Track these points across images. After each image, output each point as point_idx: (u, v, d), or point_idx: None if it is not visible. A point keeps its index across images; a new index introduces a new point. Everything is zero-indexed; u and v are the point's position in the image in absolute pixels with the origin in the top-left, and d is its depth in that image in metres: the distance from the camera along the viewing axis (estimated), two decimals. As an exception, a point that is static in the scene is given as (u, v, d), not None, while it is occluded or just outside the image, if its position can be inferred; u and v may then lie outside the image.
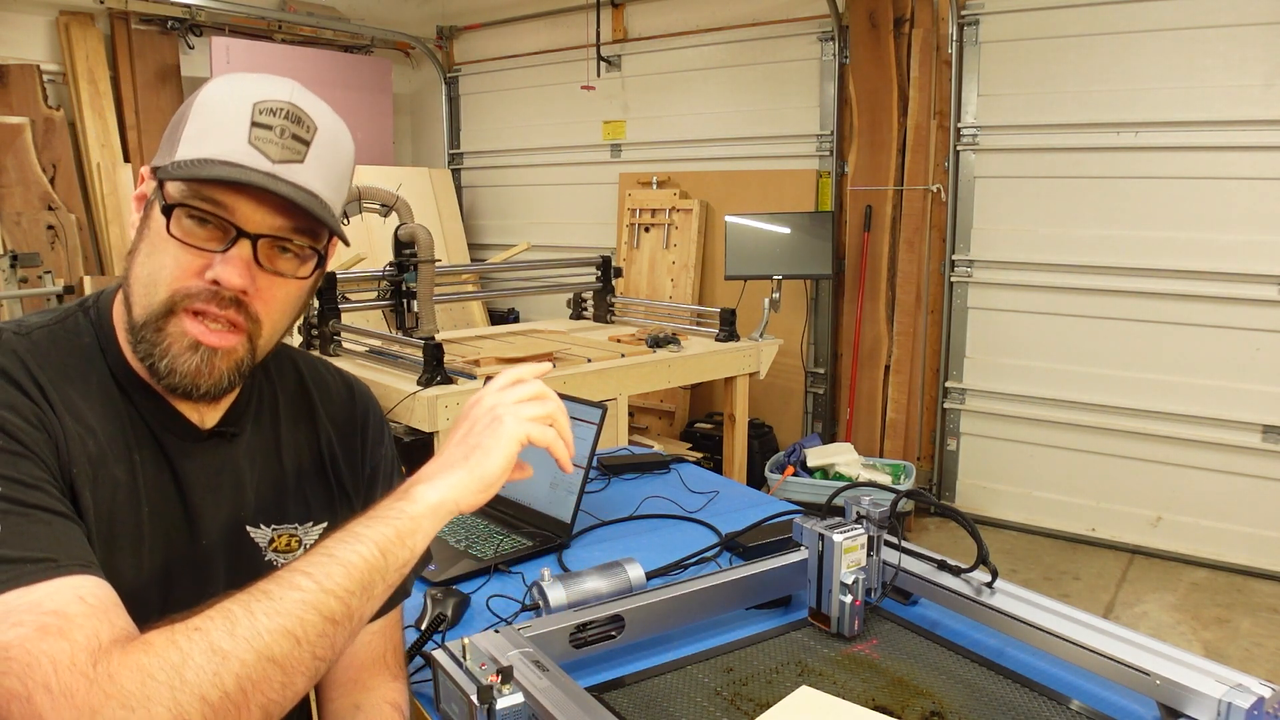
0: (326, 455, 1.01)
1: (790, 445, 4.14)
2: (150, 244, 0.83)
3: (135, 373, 0.87)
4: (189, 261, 0.81)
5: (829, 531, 1.21)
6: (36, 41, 4.63)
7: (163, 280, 0.82)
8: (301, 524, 0.98)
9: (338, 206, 0.88)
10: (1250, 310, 3.54)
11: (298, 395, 1.02)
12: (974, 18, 4.01)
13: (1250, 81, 3.43)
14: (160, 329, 0.82)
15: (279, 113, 0.82)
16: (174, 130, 0.83)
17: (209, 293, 0.82)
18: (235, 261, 0.81)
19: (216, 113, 0.82)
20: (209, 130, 0.81)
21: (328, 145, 0.85)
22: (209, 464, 0.91)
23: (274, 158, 0.81)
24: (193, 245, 0.81)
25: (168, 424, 0.88)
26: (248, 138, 0.80)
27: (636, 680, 1.13)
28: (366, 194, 3.37)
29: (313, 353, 2.93)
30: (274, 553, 0.95)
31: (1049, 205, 3.93)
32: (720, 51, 4.85)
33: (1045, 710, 1.05)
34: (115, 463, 0.84)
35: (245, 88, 0.83)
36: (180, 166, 0.80)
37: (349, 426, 1.05)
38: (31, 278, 3.83)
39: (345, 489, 1.02)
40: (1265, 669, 2.94)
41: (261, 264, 0.83)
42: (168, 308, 0.82)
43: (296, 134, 0.82)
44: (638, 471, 2.01)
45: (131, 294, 0.84)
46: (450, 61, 6.17)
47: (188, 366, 0.83)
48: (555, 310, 4.82)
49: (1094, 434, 3.93)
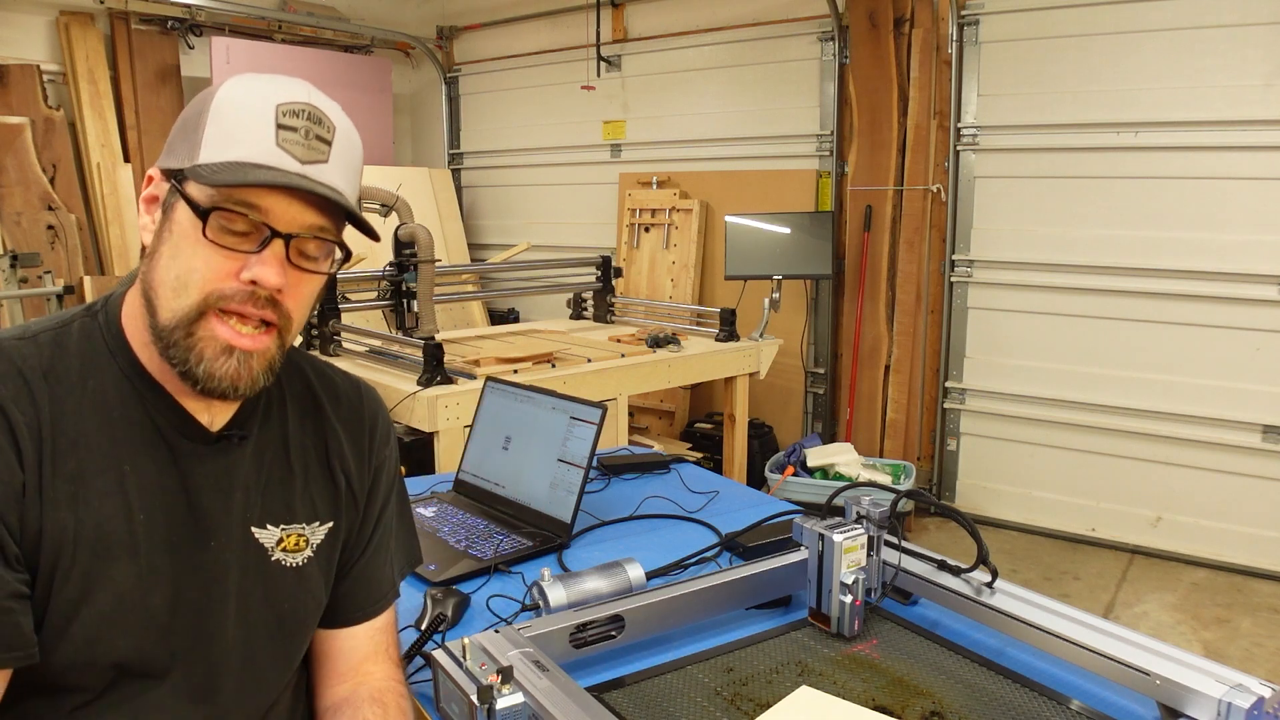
0: (335, 455, 1.02)
1: (790, 445, 4.14)
2: (174, 246, 0.83)
3: (149, 374, 0.88)
4: (220, 263, 0.82)
5: (829, 531, 1.21)
6: (36, 41, 4.63)
7: (194, 283, 0.82)
8: (309, 524, 0.98)
9: (355, 201, 0.90)
10: (1250, 310, 3.54)
11: (305, 396, 1.02)
12: (974, 18, 4.01)
13: (1250, 81, 3.43)
14: (190, 332, 0.83)
15: (301, 114, 0.83)
16: (190, 132, 0.83)
17: (245, 293, 0.83)
18: (271, 261, 0.83)
19: (238, 115, 0.82)
20: (233, 133, 0.81)
21: (346, 144, 0.87)
22: (218, 466, 0.91)
23: (301, 158, 0.83)
24: (227, 248, 0.82)
25: (178, 426, 0.89)
26: (275, 140, 0.81)
27: (636, 680, 1.13)
28: (366, 194, 3.38)
29: (314, 354, 2.93)
30: (282, 552, 0.96)
31: (1049, 205, 3.93)
32: (720, 51, 4.85)
33: (1045, 710, 1.05)
34: (97, 475, 0.84)
35: (264, 90, 0.84)
36: (214, 170, 0.80)
37: (357, 427, 1.05)
38: (31, 278, 3.83)
39: (352, 488, 1.03)
40: (1265, 669, 2.94)
41: (292, 262, 0.85)
42: (199, 310, 0.82)
43: (319, 134, 0.84)
44: (638, 471, 2.01)
45: (156, 297, 0.84)
46: (450, 61, 6.17)
47: (225, 370, 0.84)
48: (555, 310, 4.83)
49: (1094, 434, 3.93)
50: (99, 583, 0.82)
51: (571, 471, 1.61)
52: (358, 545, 1.04)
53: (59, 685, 0.83)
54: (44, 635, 0.80)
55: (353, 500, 1.03)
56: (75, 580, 0.81)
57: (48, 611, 0.81)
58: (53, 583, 0.81)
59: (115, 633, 0.83)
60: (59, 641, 0.81)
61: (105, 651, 0.83)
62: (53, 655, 0.81)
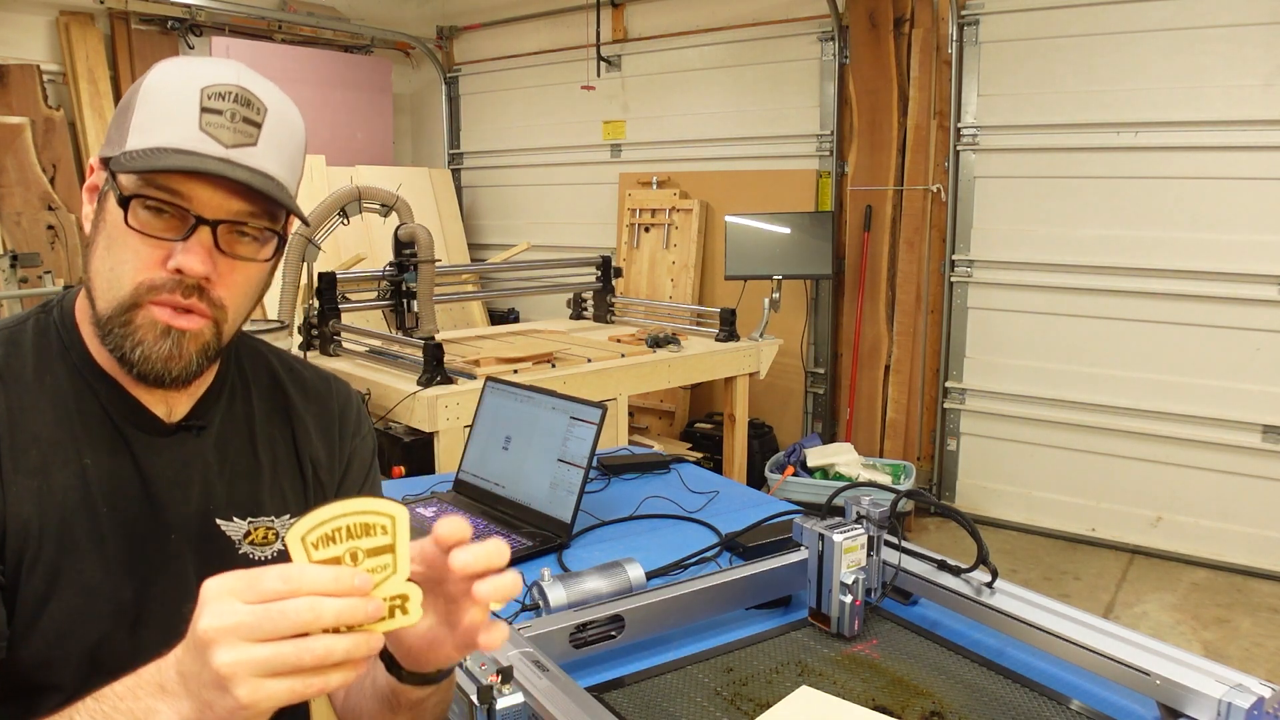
0: (303, 448, 1.01)
1: (790, 445, 4.14)
2: (107, 237, 0.82)
3: (101, 368, 0.87)
4: (149, 253, 0.81)
5: (829, 531, 1.21)
6: (36, 41, 4.63)
7: (125, 274, 0.81)
8: (278, 516, 0.98)
9: (293, 185, 0.88)
10: (1250, 310, 3.54)
11: (272, 389, 1.02)
12: (974, 18, 4.01)
13: (1250, 81, 3.43)
14: (129, 321, 0.82)
15: (228, 96, 0.81)
16: (121, 119, 0.82)
17: (173, 283, 0.81)
18: (196, 249, 0.81)
19: (164, 100, 0.81)
20: (158, 118, 0.80)
21: (278, 125, 0.84)
22: (175, 458, 0.91)
23: (227, 142, 0.80)
24: (152, 235, 0.81)
25: (132, 418, 0.88)
26: (199, 124, 0.79)
27: (636, 680, 1.13)
28: (366, 194, 3.37)
29: (284, 348, 2.93)
30: (250, 545, 0.95)
31: (1049, 205, 3.93)
32: (720, 51, 4.85)
33: (1045, 710, 1.05)
34: (59, 469, 0.84)
35: (191, 72, 0.82)
36: (133, 157, 0.79)
37: (326, 418, 1.05)
38: (31, 278, 3.83)
39: (320, 480, 1.03)
40: (1265, 669, 2.94)
41: (222, 249, 0.83)
42: (133, 301, 0.82)
43: (247, 116, 0.82)
44: (638, 471, 2.01)
45: (94, 288, 0.83)
46: (450, 61, 6.17)
47: (160, 352, 0.83)
48: (555, 310, 4.82)
49: (1094, 434, 3.93)
50: (66, 575, 0.82)
51: (571, 471, 1.61)
52: None
53: (31, 685, 0.83)
54: (13, 630, 0.80)
55: (321, 492, 1.02)
56: (41, 574, 0.81)
57: (15, 607, 0.81)
58: (19, 577, 0.81)
59: (85, 626, 0.83)
60: (29, 635, 0.81)
61: (76, 644, 0.83)
62: (23, 650, 0.81)
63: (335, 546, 0.64)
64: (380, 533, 0.65)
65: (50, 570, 0.82)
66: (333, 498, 1.02)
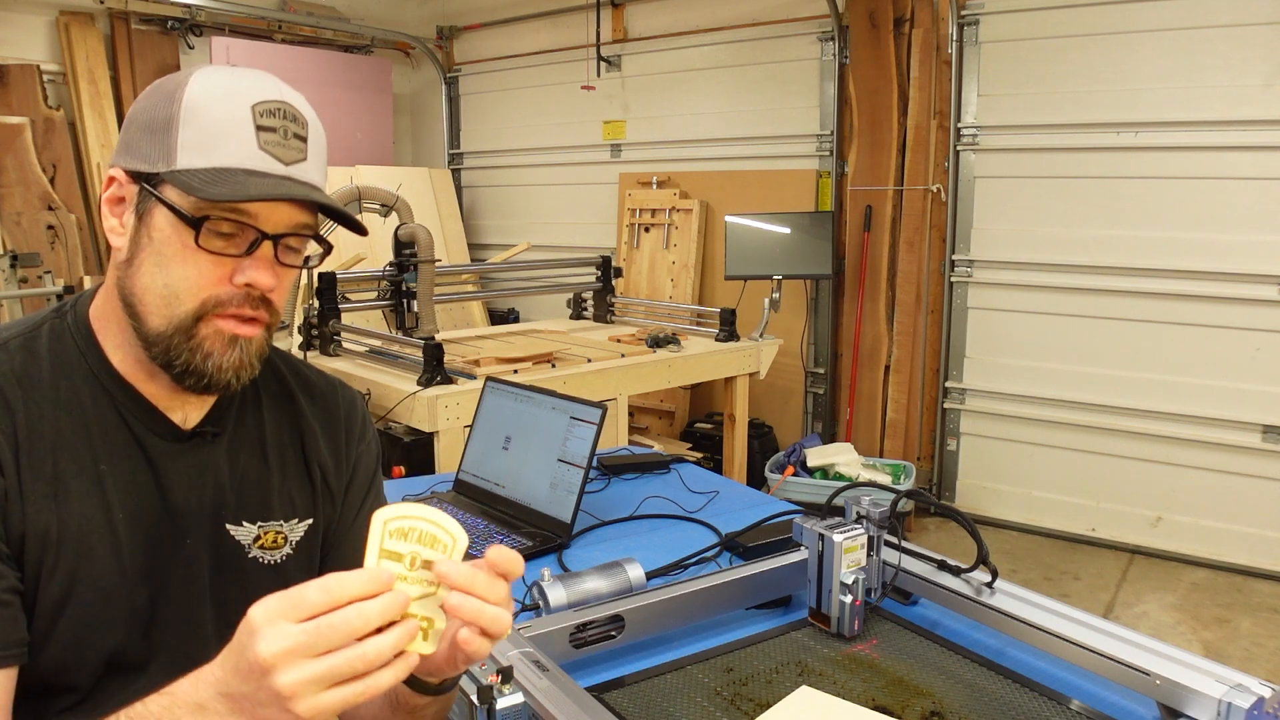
0: (311, 452, 1.02)
1: (790, 445, 4.14)
2: (157, 254, 0.82)
3: (118, 375, 0.88)
4: (211, 269, 0.82)
5: (829, 531, 1.21)
6: (36, 41, 4.63)
7: (187, 290, 0.82)
8: (287, 521, 0.98)
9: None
10: (1250, 310, 3.54)
11: (280, 394, 1.02)
12: (974, 18, 4.01)
13: (1250, 81, 3.43)
14: (192, 334, 0.83)
15: (278, 113, 0.83)
16: (162, 134, 0.81)
17: (240, 297, 0.84)
18: (263, 263, 0.84)
19: (215, 117, 0.81)
20: (212, 136, 0.80)
21: (317, 137, 0.87)
22: (190, 464, 0.91)
23: (285, 160, 0.82)
24: (216, 252, 0.82)
25: (149, 425, 0.89)
26: (257, 143, 0.81)
27: (636, 680, 1.13)
28: (366, 194, 3.38)
29: (290, 352, 2.94)
30: (260, 550, 0.95)
31: (1049, 205, 3.93)
32: (720, 51, 4.85)
33: (1045, 710, 1.05)
34: (77, 476, 0.84)
35: (235, 87, 0.82)
36: (204, 180, 0.79)
37: (333, 423, 1.05)
38: (31, 278, 3.83)
39: (329, 484, 1.03)
40: (1265, 669, 2.94)
41: (279, 259, 0.86)
42: (197, 315, 0.83)
43: (296, 133, 0.84)
44: (638, 471, 2.01)
45: (143, 305, 0.83)
46: (450, 61, 6.17)
47: (231, 361, 0.85)
48: (555, 310, 4.82)
49: (1094, 434, 3.93)
50: (83, 581, 0.83)
51: (571, 471, 1.61)
52: (335, 541, 1.04)
53: (48, 687, 0.83)
54: (32, 635, 0.81)
55: (329, 496, 1.03)
56: (59, 580, 0.82)
57: (34, 612, 0.81)
58: (38, 583, 0.81)
59: (101, 630, 0.84)
60: (47, 641, 0.81)
61: (92, 649, 0.84)
62: (41, 655, 0.81)
63: (404, 543, 0.67)
64: (441, 549, 0.68)
65: (68, 577, 0.82)
66: (339, 503, 1.03)
